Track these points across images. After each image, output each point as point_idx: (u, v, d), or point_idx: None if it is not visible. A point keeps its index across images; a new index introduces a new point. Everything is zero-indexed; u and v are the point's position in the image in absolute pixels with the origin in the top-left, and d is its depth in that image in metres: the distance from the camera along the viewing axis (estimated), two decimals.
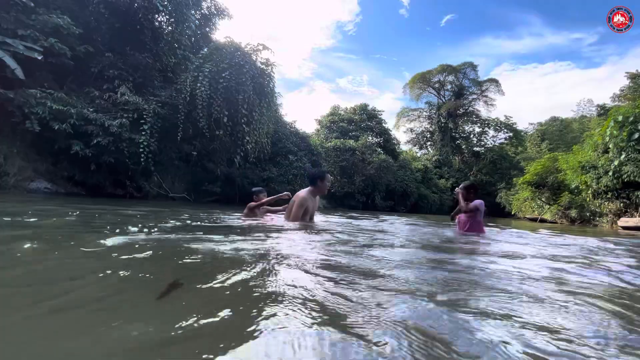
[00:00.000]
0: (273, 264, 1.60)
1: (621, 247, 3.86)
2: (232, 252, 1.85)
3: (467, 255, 2.40)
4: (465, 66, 40.31)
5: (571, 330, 0.96)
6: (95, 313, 0.91)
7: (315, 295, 1.13)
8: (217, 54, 10.44)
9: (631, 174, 11.02)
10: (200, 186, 12.37)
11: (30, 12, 8.48)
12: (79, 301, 0.99)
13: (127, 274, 1.26)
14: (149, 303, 1.02)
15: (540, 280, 1.63)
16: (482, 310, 1.09)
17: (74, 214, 3.76)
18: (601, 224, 13.99)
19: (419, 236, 3.74)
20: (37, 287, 1.10)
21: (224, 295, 1.13)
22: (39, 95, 8.10)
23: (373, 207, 23.16)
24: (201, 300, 1.07)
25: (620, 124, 11.24)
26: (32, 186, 8.27)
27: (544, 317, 1.05)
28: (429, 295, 1.22)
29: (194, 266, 1.52)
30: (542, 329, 0.95)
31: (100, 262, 1.49)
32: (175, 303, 1.03)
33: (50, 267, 1.39)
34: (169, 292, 1.10)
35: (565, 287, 1.50)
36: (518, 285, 1.48)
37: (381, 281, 1.40)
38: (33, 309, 0.90)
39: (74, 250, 1.73)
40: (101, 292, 1.08)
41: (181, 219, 3.90)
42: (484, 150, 38.03)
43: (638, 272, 2.05)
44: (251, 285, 1.23)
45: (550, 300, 1.25)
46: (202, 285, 1.19)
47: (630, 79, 19.80)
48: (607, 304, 1.26)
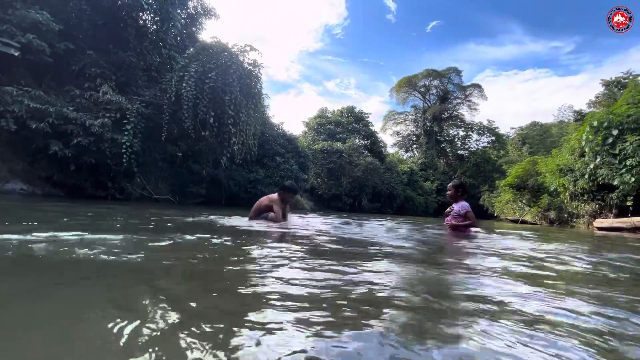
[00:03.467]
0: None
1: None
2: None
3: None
4: (450, 71, 41.22)
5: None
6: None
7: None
8: (203, 54, 10.30)
9: (606, 176, 11.48)
10: (185, 188, 12.15)
11: (6, 6, 8.15)
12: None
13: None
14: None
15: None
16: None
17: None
18: (578, 225, 14.52)
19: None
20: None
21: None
22: (16, 92, 7.79)
23: (360, 209, 23.30)
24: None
25: (595, 129, 11.71)
26: (7, 187, 7.93)
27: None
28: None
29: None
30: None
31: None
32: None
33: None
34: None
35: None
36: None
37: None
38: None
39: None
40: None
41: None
42: (468, 154, 38.93)
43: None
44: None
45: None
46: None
47: (604, 86, 20.69)
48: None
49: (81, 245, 1.86)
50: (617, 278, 2.12)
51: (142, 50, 10.94)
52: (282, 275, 1.49)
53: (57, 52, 8.98)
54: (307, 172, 17.76)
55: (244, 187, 13.59)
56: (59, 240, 2.00)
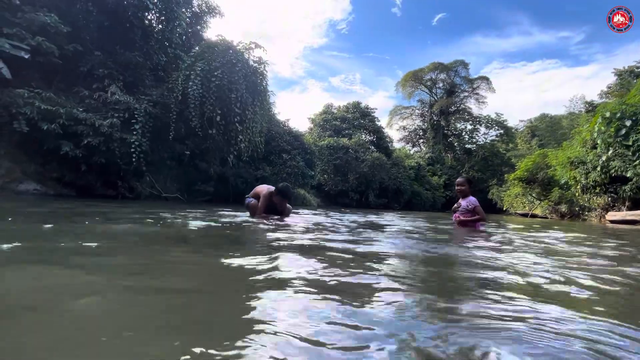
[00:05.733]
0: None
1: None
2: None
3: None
4: (457, 64, 40.69)
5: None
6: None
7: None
8: (209, 52, 10.33)
9: (618, 169, 11.24)
10: (193, 186, 12.26)
11: (15, 9, 8.27)
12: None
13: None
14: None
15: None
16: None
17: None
18: (590, 218, 14.28)
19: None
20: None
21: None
22: (27, 95, 7.92)
23: (367, 205, 23.27)
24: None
25: (607, 120, 11.45)
26: (20, 188, 8.10)
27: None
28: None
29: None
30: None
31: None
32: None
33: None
34: None
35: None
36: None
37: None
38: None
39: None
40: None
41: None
42: (476, 147, 38.49)
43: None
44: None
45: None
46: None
47: (617, 75, 20.21)
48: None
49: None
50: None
51: (148, 50, 11.02)
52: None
53: (66, 53, 9.09)
54: (314, 169, 17.76)
55: (251, 185, 13.61)
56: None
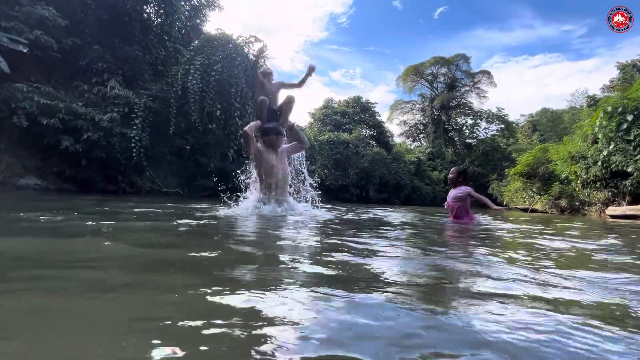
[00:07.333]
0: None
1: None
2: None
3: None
4: (458, 58, 40.38)
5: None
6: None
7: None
8: (208, 46, 10.26)
9: (619, 163, 11.21)
10: (194, 181, 12.26)
11: (13, 3, 8.20)
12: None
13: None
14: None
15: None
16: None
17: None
18: (590, 213, 14.29)
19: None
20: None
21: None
22: (26, 89, 7.89)
23: (367, 200, 23.28)
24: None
25: (609, 114, 11.38)
26: (21, 182, 8.11)
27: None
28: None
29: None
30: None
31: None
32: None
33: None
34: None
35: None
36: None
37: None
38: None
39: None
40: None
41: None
42: (477, 142, 38.36)
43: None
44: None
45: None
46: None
47: (620, 69, 20.03)
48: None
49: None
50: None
51: (147, 44, 10.94)
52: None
53: (64, 47, 9.03)
54: (314, 163, 17.75)
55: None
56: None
